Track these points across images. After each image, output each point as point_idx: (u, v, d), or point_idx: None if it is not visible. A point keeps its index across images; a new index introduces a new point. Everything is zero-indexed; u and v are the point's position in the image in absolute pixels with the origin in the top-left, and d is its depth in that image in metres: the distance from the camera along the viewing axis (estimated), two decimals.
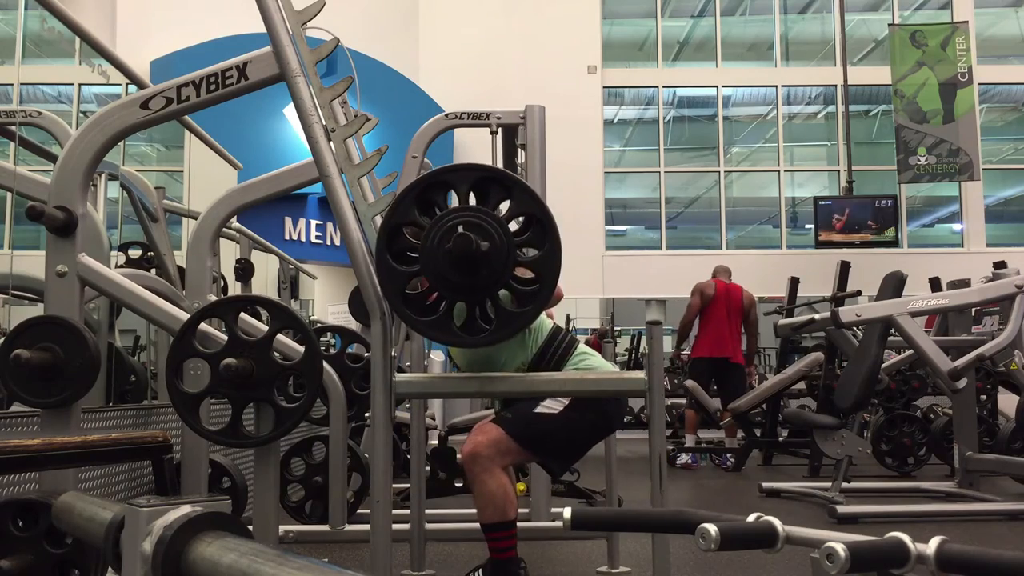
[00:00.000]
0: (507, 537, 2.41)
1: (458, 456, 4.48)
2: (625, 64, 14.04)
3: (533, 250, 1.97)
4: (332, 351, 4.31)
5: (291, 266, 7.05)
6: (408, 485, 3.40)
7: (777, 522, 1.08)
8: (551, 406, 2.42)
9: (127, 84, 6.03)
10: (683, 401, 7.94)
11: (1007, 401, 6.41)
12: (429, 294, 1.99)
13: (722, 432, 6.99)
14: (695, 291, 6.97)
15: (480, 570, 2.54)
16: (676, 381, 9.09)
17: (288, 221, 10.12)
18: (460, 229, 1.86)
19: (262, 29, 2.15)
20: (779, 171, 13.52)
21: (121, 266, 4.59)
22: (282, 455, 3.72)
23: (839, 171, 13.24)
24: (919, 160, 11.76)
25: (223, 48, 4.72)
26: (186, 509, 1.03)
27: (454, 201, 1.98)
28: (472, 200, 1.96)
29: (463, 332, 1.98)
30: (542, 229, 1.95)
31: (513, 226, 1.96)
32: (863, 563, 0.94)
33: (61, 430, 2.12)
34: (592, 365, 2.50)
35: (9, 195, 3.00)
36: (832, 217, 12.16)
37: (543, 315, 2.59)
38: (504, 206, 1.99)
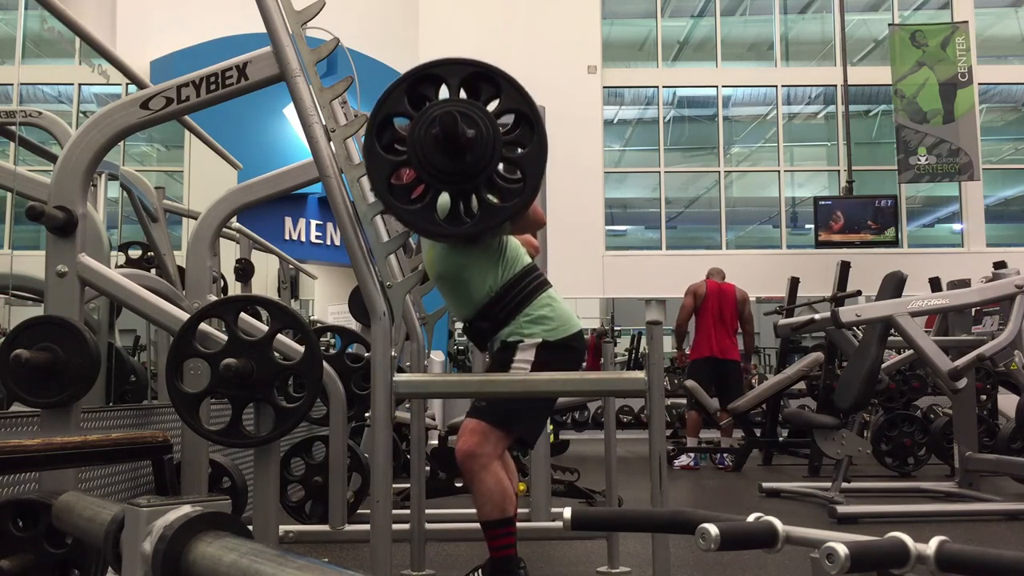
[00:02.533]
0: (506, 535, 2.41)
1: None
2: (625, 64, 14.04)
3: (520, 148, 1.99)
4: (332, 351, 4.31)
5: (291, 266, 7.05)
6: (408, 485, 3.40)
7: (777, 522, 1.08)
8: (520, 367, 2.42)
9: (127, 84, 6.03)
10: (683, 401, 7.94)
11: (1007, 401, 6.41)
12: (415, 186, 2.00)
13: (720, 432, 6.99)
14: (688, 292, 7.00)
15: (480, 570, 2.54)
16: (676, 381, 9.09)
17: (288, 221, 10.12)
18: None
19: (262, 29, 2.15)
20: (779, 171, 13.53)
21: (121, 266, 4.59)
22: (282, 455, 3.72)
23: (839, 171, 13.24)
24: (919, 160, 11.76)
25: (223, 48, 4.71)
26: (186, 509, 1.03)
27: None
28: (463, 96, 1.99)
29: (445, 223, 2.01)
30: (529, 128, 1.98)
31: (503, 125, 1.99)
32: (863, 563, 0.94)
33: (61, 430, 2.12)
34: (548, 315, 2.48)
35: (9, 195, 3.00)
36: (832, 215, 12.17)
37: (522, 248, 2.61)
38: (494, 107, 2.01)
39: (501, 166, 2.00)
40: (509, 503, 2.40)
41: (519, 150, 1.98)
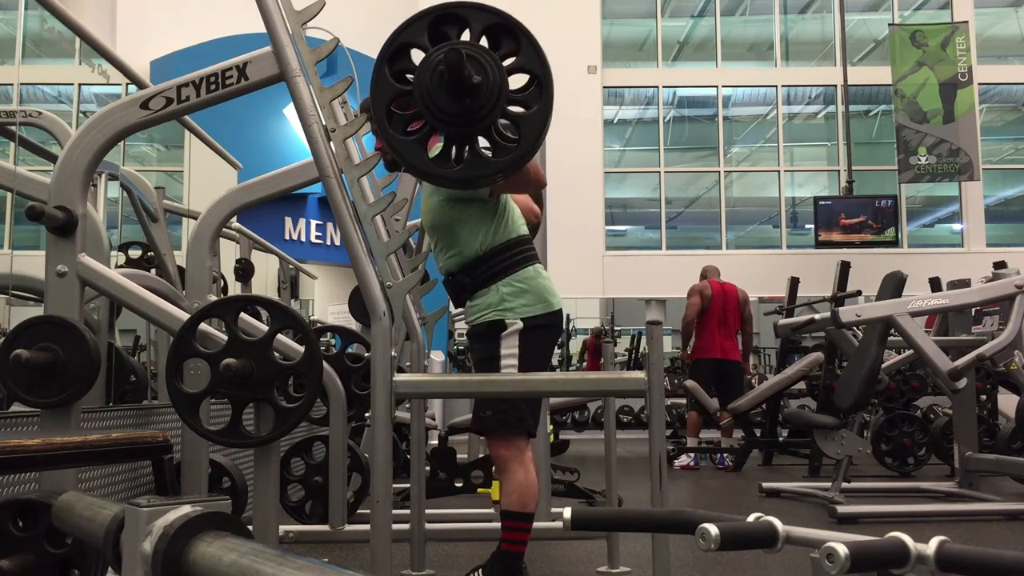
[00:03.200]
0: (521, 530, 2.44)
1: (458, 456, 4.49)
2: (625, 64, 14.04)
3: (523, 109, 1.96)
4: (332, 351, 4.31)
5: (291, 266, 7.05)
6: (408, 485, 3.40)
7: (777, 522, 1.08)
8: (509, 364, 2.42)
9: (127, 84, 6.03)
10: (683, 401, 7.94)
11: (1007, 401, 6.41)
12: (415, 119, 1.97)
13: (720, 432, 6.99)
14: (694, 291, 6.97)
15: (480, 570, 2.55)
16: (676, 381, 9.09)
17: (288, 221, 10.12)
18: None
19: (262, 29, 2.15)
20: (779, 171, 13.53)
21: (121, 266, 4.59)
22: (282, 455, 3.72)
23: (839, 171, 13.24)
24: (919, 160, 11.76)
25: (223, 48, 4.72)
26: (186, 509, 1.03)
27: None
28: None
29: (434, 162, 1.98)
30: (539, 90, 1.96)
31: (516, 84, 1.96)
32: (863, 563, 0.94)
33: (61, 430, 2.12)
34: (530, 288, 2.47)
35: (9, 195, 3.00)
36: (840, 214, 12.20)
37: (521, 219, 2.61)
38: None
39: (502, 121, 1.98)
40: (532, 500, 2.44)
41: (523, 110, 1.96)
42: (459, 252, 2.50)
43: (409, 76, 1.95)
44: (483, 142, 2.00)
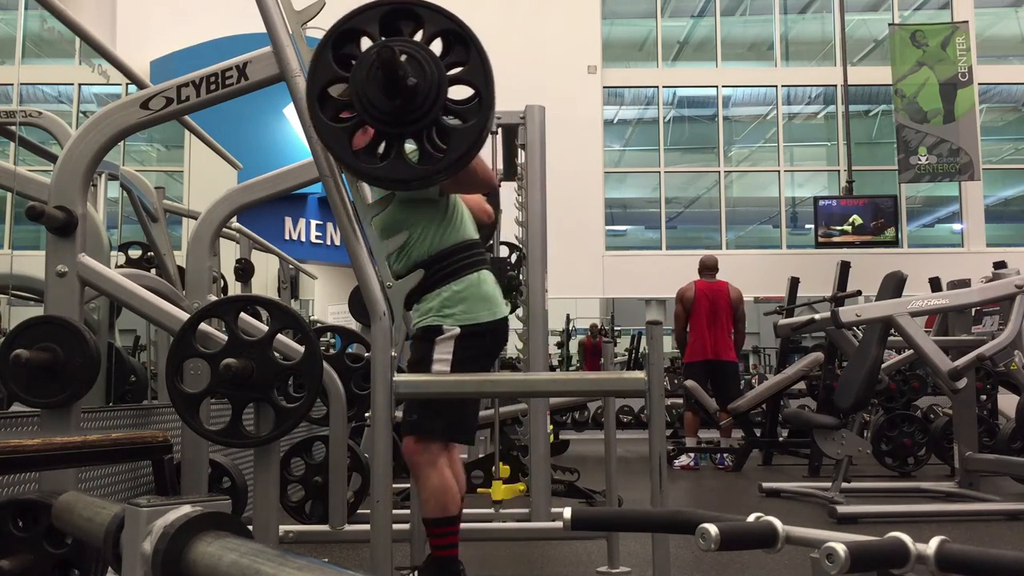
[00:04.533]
0: (448, 534, 2.41)
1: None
2: (625, 64, 14.04)
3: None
4: (332, 351, 4.31)
5: (291, 266, 7.05)
6: (408, 485, 3.40)
7: (777, 522, 1.08)
8: (440, 371, 2.39)
9: (127, 84, 6.04)
10: (682, 401, 7.93)
11: (1007, 401, 6.41)
12: (349, 108, 1.88)
13: (720, 432, 6.98)
14: (676, 299, 6.90)
15: (416, 571, 2.53)
16: (676, 381, 9.09)
17: (288, 221, 10.12)
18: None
19: (262, 29, 2.15)
20: (779, 171, 13.53)
21: (121, 266, 4.59)
22: (282, 455, 3.72)
23: (839, 171, 13.24)
24: (920, 160, 11.76)
25: (223, 48, 4.72)
26: (186, 509, 1.03)
27: None
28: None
29: (357, 154, 1.90)
30: (479, 106, 1.87)
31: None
32: (863, 563, 0.94)
33: (61, 430, 2.12)
34: (470, 296, 2.41)
35: (9, 195, 3.00)
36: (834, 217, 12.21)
37: (471, 223, 2.56)
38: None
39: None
40: (452, 502, 2.39)
41: (459, 122, 1.88)
42: (407, 255, 2.45)
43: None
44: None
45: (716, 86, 13.66)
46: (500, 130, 3.73)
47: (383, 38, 1.85)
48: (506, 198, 3.85)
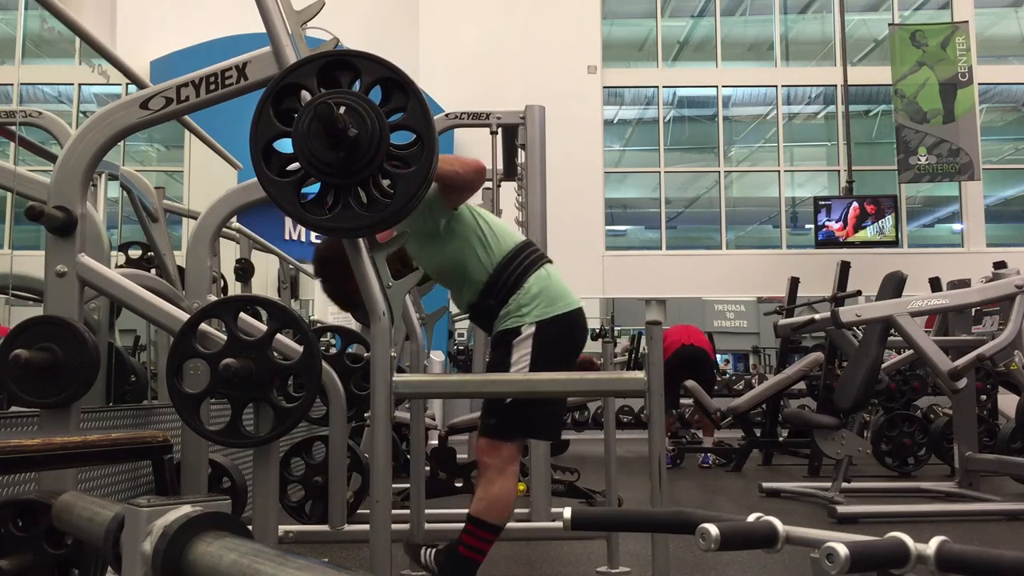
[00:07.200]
0: (486, 540, 2.38)
1: (458, 456, 4.49)
2: (625, 64, 14.04)
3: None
4: (332, 351, 4.30)
5: (291, 266, 7.05)
6: (408, 485, 3.40)
7: (777, 522, 1.08)
8: (520, 367, 2.38)
9: (127, 84, 6.03)
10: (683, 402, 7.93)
11: (1007, 401, 6.41)
12: (294, 160, 1.89)
13: (702, 432, 7.14)
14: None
15: (432, 550, 2.51)
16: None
17: (288, 221, 10.11)
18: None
19: (262, 29, 2.15)
20: (779, 171, 13.53)
21: (121, 266, 4.59)
22: (282, 455, 3.72)
23: (839, 171, 13.24)
24: (920, 160, 11.76)
25: (223, 48, 4.70)
26: (186, 509, 1.03)
27: None
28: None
29: (306, 207, 1.90)
30: (421, 150, 1.87)
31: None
32: (863, 563, 0.94)
33: (61, 430, 2.12)
34: (540, 290, 2.42)
35: (9, 195, 3.00)
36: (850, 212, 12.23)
37: (509, 227, 2.57)
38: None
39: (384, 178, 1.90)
40: (504, 513, 2.39)
41: (403, 167, 1.88)
42: (469, 282, 2.47)
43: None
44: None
45: (716, 86, 13.67)
46: (500, 130, 3.73)
47: (321, 90, 1.85)
48: (506, 198, 3.85)
